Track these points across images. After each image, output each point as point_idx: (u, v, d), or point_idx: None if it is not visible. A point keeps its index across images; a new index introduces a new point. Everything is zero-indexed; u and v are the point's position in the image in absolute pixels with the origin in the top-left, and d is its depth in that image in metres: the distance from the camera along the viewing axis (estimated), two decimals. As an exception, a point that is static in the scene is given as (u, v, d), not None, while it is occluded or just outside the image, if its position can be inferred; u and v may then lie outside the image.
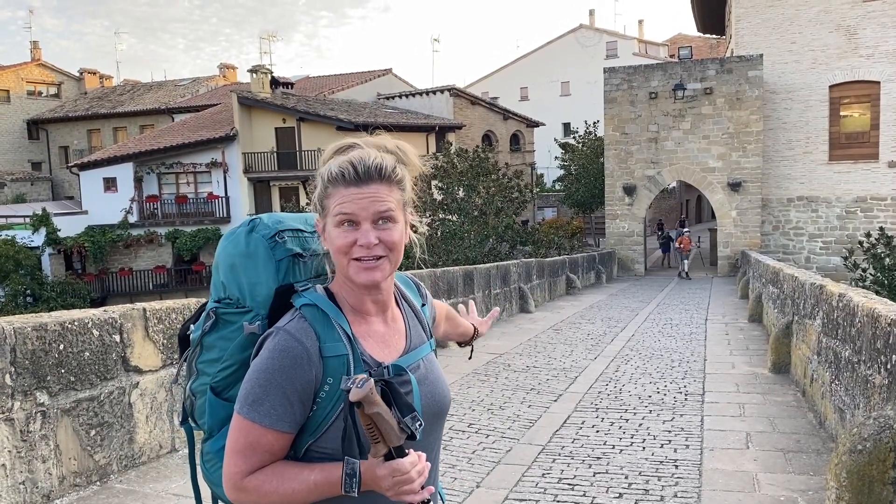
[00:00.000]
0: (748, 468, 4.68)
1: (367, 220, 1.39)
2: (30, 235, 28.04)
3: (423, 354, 1.51)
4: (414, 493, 1.30)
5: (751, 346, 9.63)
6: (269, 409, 1.33)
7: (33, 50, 45.40)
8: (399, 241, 1.42)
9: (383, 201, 1.40)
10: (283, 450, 1.37)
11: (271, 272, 1.46)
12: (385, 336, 1.48)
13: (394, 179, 1.44)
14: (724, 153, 25.04)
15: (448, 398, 1.52)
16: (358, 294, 1.44)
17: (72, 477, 4.02)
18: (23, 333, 3.73)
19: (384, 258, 1.40)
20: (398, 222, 1.42)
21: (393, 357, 1.45)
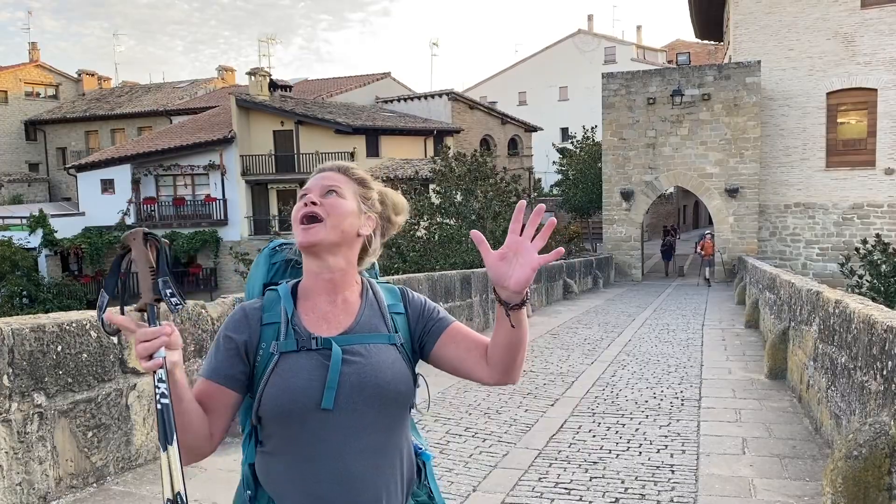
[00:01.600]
0: (744, 473, 4.69)
1: (315, 190, 1.58)
2: (27, 237, 27.99)
3: (370, 340, 1.56)
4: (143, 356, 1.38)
5: (747, 352, 9.65)
6: (208, 363, 1.55)
7: (31, 51, 45.37)
8: (340, 209, 1.55)
9: (333, 180, 1.59)
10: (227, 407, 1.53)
11: (263, 273, 1.69)
12: (328, 314, 1.57)
13: (351, 175, 1.63)
14: (721, 159, 25.09)
15: (393, 387, 1.52)
16: (313, 275, 1.58)
17: (69, 478, 4.02)
18: (21, 335, 3.73)
19: (321, 221, 1.53)
20: (345, 199, 1.57)
21: (332, 333, 1.54)
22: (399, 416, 1.55)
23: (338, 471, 1.47)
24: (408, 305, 1.67)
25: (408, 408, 1.58)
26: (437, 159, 24.06)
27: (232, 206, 30.78)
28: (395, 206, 1.70)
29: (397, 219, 1.70)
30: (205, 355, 5.13)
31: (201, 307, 5.20)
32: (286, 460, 1.49)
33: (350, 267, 1.60)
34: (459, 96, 35.59)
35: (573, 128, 43.59)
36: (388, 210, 1.68)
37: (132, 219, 30.65)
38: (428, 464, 1.65)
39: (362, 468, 1.48)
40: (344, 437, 1.48)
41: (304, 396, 1.46)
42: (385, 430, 1.52)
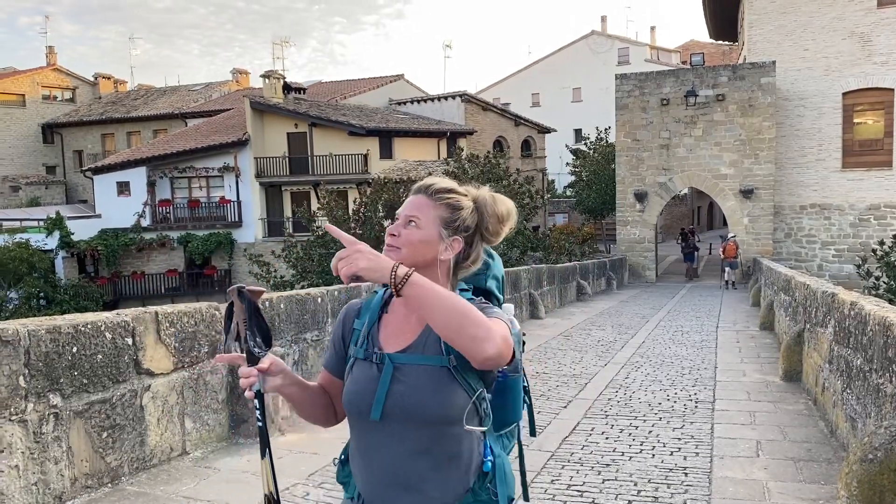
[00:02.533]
0: (758, 476, 4.66)
1: (401, 219, 1.74)
2: (44, 238, 28.24)
3: (422, 361, 1.67)
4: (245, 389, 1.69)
5: (762, 354, 9.58)
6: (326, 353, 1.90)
7: (49, 55, 45.85)
8: (415, 242, 1.70)
9: (417, 208, 1.73)
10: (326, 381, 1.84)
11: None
12: (398, 330, 1.74)
13: (437, 198, 1.74)
14: (736, 160, 24.94)
15: (431, 411, 1.64)
16: None
17: (84, 479, 4.06)
18: (37, 336, 3.77)
19: (397, 249, 1.69)
20: (422, 229, 1.71)
21: (394, 349, 1.71)
22: (444, 431, 1.66)
23: (384, 469, 1.68)
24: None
25: (454, 424, 1.65)
26: (451, 161, 24.09)
27: (246, 207, 30.93)
28: (497, 216, 1.77)
29: (500, 227, 1.79)
30: (218, 356, 5.17)
31: (214, 309, 5.23)
32: (355, 446, 1.76)
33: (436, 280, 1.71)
34: (472, 98, 35.60)
35: (586, 129, 43.47)
36: (486, 220, 1.76)
37: (147, 221, 30.87)
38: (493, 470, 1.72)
39: (406, 471, 1.66)
40: (389, 443, 1.67)
41: (360, 402, 1.69)
42: (429, 441, 1.66)
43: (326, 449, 5.01)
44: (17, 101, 41.69)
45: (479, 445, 1.72)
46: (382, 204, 19.41)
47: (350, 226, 20.22)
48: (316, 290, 6.67)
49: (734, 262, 22.93)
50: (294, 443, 5.22)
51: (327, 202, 21.45)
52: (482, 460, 1.72)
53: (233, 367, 5.29)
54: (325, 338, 6.57)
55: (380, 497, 1.69)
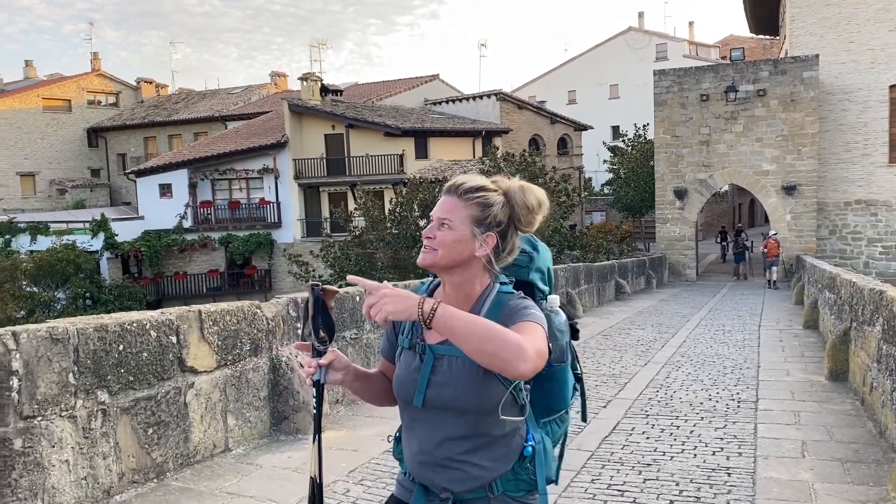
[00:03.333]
0: (804, 477, 4.57)
1: (435, 221, 1.80)
2: (89, 240, 28.92)
3: (459, 353, 1.72)
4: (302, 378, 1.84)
5: (806, 353, 9.39)
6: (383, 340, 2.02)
7: (93, 61, 46.92)
8: (449, 242, 1.77)
9: (448, 210, 1.79)
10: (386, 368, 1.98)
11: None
12: None
13: (467, 197, 1.79)
14: (777, 156, 24.47)
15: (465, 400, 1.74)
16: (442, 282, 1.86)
17: (130, 474, 4.15)
18: (85, 334, 3.87)
19: (434, 251, 1.78)
20: (455, 230, 1.77)
21: (436, 340, 1.80)
22: (482, 419, 1.76)
23: (425, 450, 1.79)
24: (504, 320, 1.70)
25: (492, 413, 1.75)
26: (486, 160, 24.04)
27: (285, 208, 31.28)
28: (527, 206, 1.80)
29: (532, 217, 1.81)
30: (260, 354, 5.24)
31: (256, 307, 5.30)
32: (403, 427, 1.90)
33: (467, 282, 1.81)
34: (508, 96, 35.48)
35: (624, 126, 43.01)
36: (518, 211, 1.80)
37: (189, 222, 31.40)
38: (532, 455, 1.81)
39: (446, 453, 1.77)
40: (431, 427, 1.79)
41: (404, 389, 1.82)
42: (467, 427, 1.76)
43: (366, 446, 5.05)
44: (63, 107, 42.75)
45: (521, 430, 1.82)
46: (418, 203, 19.45)
47: (386, 225, 20.32)
48: (354, 290, 6.72)
49: (776, 260, 22.29)
50: (334, 440, 5.26)
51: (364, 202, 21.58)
52: (523, 445, 1.81)
53: (275, 366, 5.36)
54: (363, 336, 6.62)
55: (423, 475, 1.81)
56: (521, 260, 1.88)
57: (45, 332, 3.66)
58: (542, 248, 1.94)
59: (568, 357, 1.89)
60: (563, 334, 1.88)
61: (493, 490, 1.78)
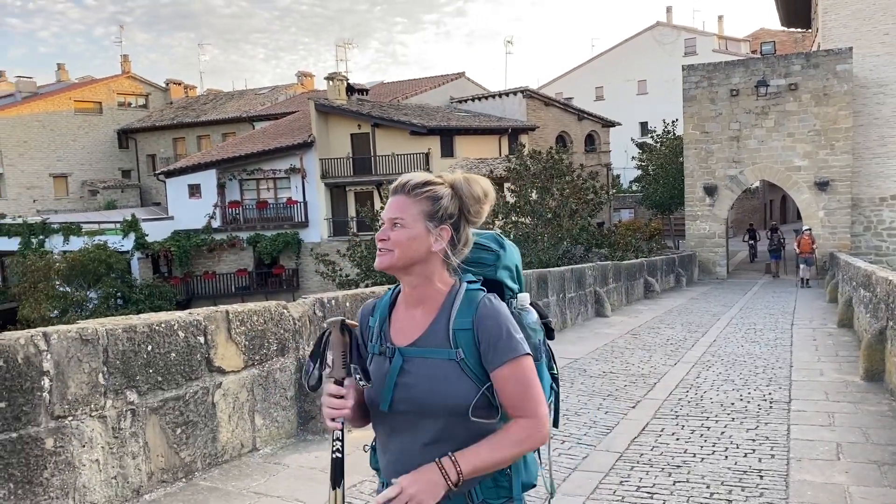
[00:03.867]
0: (839, 480, 4.47)
1: (387, 222, 1.79)
2: (120, 240, 29.34)
3: (430, 354, 1.74)
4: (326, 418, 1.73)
5: (840, 353, 9.21)
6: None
7: (123, 63, 47.59)
8: (404, 241, 1.75)
9: (398, 209, 1.77)
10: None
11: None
12: (406, 325, 1.80)
13: (415, 194, 1.78)
14: (810, 151, 24.05)
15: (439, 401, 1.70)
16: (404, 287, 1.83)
17: (159, 473, 4.18)
18: (114, 335, 3.90)
19: (389, 252, 1.76)
20: (409, 227, 1.75)
21: (405, 343, 1.78)
22: (453, 422, 1.71)
23: (399, 458, 1.75)
24: (477, 325, 1.73)
25: (463, 415, 1.70)
26: (512, 158, 23.94)
27: (312, 208, 31.46)
28: (474, 197, 1.79)
29: (480, 207, 1.80)
30: (287, 354, 5.25)
31: (283, 307, 5.32)
32: (378, 434, 1.86)
33: (427, 281, 1.79)
34: (534, 93, 35.32)
35: (652, 122, 42.61)
36: (466, 202, 1.78)
37: (218, 222, 31.71)
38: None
39: (419, 461, 1.69)
40: (401, 433, 1.76)
41: (375, 395, 1.78)
42: (439, 432, 1.72)
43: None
44: (94, 109, 43.42)
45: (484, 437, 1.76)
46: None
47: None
48: (380, 289, 6.72)
49: (810, 258, 21.53)
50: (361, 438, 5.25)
51: (391, 201, 21.59)
52: None
53: (301, 365, 5.37)
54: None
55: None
56: (487, 258, 1.86)
57: (76, 332, 3.69)
58: (510, 245, 1.91)
59: (542, 356, 1.84)
60: (536, 332, 1.83)
61: (473, 498, 1.74)
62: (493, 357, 1.71)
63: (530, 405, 1.70)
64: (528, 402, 1.70)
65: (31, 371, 3.44)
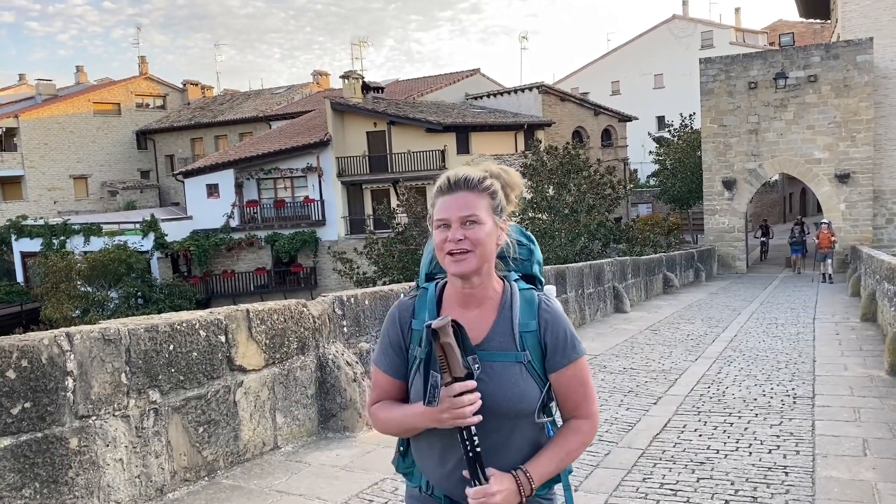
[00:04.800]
0: (866, 477, 4.40)
1: (455, 222, 1.69)
2: (140, 240, 29.60)
3: (496, 358, 1.72)
4: (463, 417, 1.61)
5: (864, 347, 9.09)
6: (382, 357, 1.84)
7: (141, 65, 47.94)
8: (484, 238, 1.69)
9: (469, 206, 1.70)
10: (393, 388, 1.82)
11: (427, 262, 1.90)
12: (466, 326, 1.71)
13: (481, 188, 1.72)
14: (830, 143, 23.77)
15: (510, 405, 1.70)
16: (456, 287, 1.75)
17: (182, 472, 4.20)
18: (136, 335, 3.92)
19: (470, 252, 1.68)
20: (484, 224, 1.69)
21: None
22: (523, 423, 1.73)
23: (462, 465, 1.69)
24: (544, 328, 1.76)
25: (533, 416, 1.74)
26: (528, 153, 23.87)
27: (329, 206, 31.54)
28: (513, 185, 1.80)
29: (517, 196, 1.82)
30: (307, 352, 5.26)
31: (303, 306, 5.33)
32: (429, 442, 1.77)
33: (487, 279, 1.76)
34: (550, 89, 35.17)
35: (669, 116, 42.28)
36: (510, 191, 1.79)
37: (236, 221, 31.89)
38: None
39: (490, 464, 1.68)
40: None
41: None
42: (507, 434, 1.72)
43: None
44: (113, 111, 43.79)
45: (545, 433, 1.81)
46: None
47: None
48: (398, 286, 6.71)
49: (829, 252, 20.49)
50: (381, 437, 5.25)
51: (406, 199, 21.62)
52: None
53: (322, 363, 5.38)
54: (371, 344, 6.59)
55: (456, 491, 1.72)
56: (522, 253, 1.86)
57: (98, 333, 3.72)
58: (533, 238, 1.93)
59: None
60: None
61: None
62: (559, 359, 1.75)
63: (590, 405, 1.81)
64: (588, 401, 1.80)
65: (55, 371, 3.46)
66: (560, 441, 1.76)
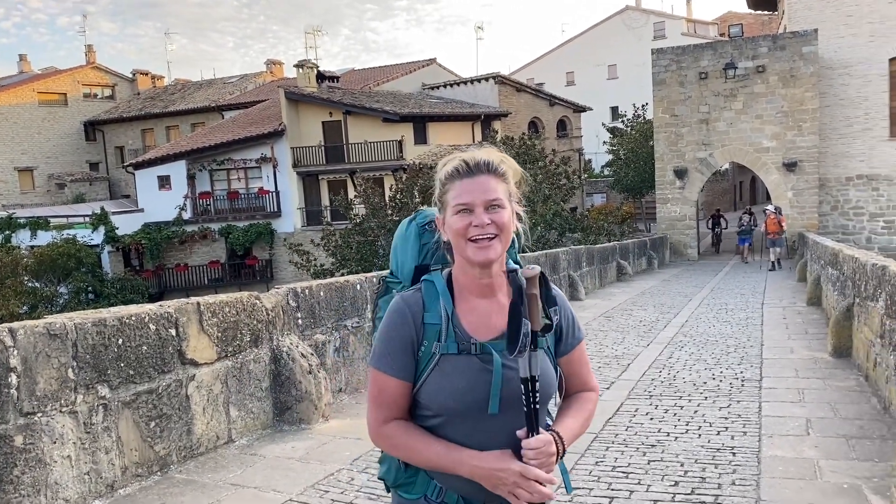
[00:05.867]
0: (809, 455, 4.55)
1: (479, 206, 1.62)
2: (90, 234, 28.91)
3: None
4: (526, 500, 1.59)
5: (810, 330, 9.37)
6: (389, 360, 1.65)
7: (88, 53, 46.71)
8: (508, 223, 1.64)
9: (493, 190, 1.64)
10: (405, 398, 1.66)
11: (415, 253, 1.79)
12: (485, 317, 1.67)
13: (500, 173, 1.67)
14: (778, 132, 24.34)
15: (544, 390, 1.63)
16: (471, 276, 1.67)
17: (134, 467, 4.14)
18: (83, 329, 3.85)
19: (496, 238, 1.62)
20: (506, 208, 1.64)
21: (488, 337, 1.65)
22: (544, 408, 1.71)
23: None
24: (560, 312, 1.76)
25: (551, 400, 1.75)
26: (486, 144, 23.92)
27: (284, 198, 31.21)
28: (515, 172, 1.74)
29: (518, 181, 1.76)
30: (261, 345, 5.21)
31: (255, 298, 5.28)
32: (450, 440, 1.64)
33: (501, 266, 1.70)
34: (506, 79, 35.31)
35: (623, 106, 42.82)
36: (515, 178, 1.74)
37: (189, 214, 31.36)
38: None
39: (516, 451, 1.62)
40: (503, 434, 1.62)
41: (468, 398, 1.61)
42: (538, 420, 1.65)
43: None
44: (59, 101, 42.59)
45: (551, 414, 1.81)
46: (419, 189, 19.41)
47: (387, 212, 20.28)
48: (354, 277, 6.69)
49: (777, 239, 20.44)
50: (338, 429, 5.26)
51: (364, 190, 21.53)
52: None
53: (276, 356, 5.34)
54: (365, 324, 6.59)
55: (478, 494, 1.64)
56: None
57: (43, 327, 3.64)
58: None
59: None
60: None
61: None
62: (571, 340, 1.78)
63: (593, 379, 1.85)
64: (592, 376, 1.85)
65: (-3, 368, 3.38)
66: (579, 407, 1.77)
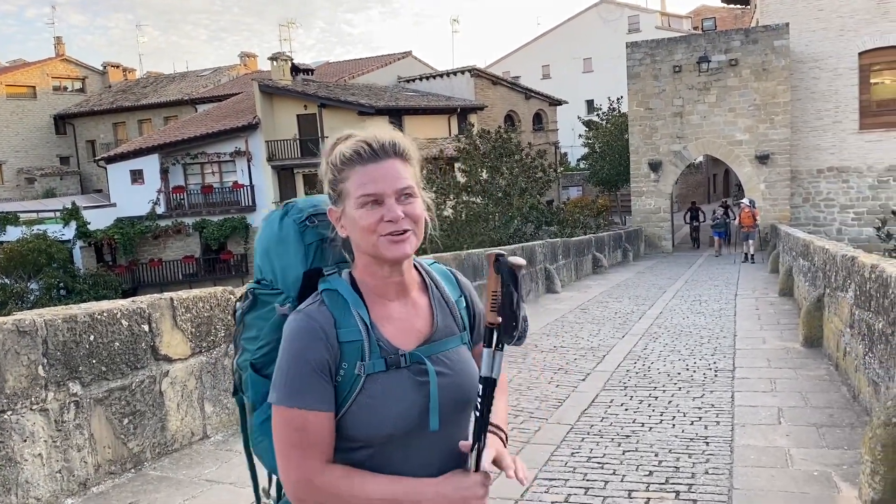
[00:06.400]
0: (780, 443, 4.62)
1: (390, 196, 1.39)
2: (61, 229, 28.47)
3: (449, 346, 1.49)
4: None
5: (782, 321, 9.50)
6: (300, 393, 1.35)
7: (57, 45, 45.87)
8: (422, 214, 1.43)
9: (403, 177, 1.41)
10: (330, 430, 1.37)
11: (300, 256, 1.49)
12: (406, 321, 1.46)
13: (407, 156, 1.45)
14: (751, 125, 24.62)
15: (472, 392, 1.43)
16: (380, 277, 1.44)
17: (107, 465, 4.09)
18: (53, 325, 3.79)
19: (409, 231, 1.40)
20: (418, 197, 1.43)
21: (413, 344, 1.44)
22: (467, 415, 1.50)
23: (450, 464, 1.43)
24: (470, 298, 1.59)
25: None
26: (462, 137, 23.96)
27: (259, 191, 30.98)
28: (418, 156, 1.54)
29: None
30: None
31: (230, 293, 5.24)
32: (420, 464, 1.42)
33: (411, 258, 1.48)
34: (482, 72, 35.29)
35: (598, 100, 43.02)
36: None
37: (162, 208, 31.01)
38: None
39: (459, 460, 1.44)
40: (441, 450, 1.43)
41: (404, 421, 1.39)
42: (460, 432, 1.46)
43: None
44: (28, 94, 41.82)
45: None
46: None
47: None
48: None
49: (751, 232, 20.44)
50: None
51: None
52: None
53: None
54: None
55: None
56: None
57: (12, 324, 3.58)
58: None
59: None
60: None
61: None
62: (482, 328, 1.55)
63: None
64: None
65: (-35, 365, 3.32)
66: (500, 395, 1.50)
